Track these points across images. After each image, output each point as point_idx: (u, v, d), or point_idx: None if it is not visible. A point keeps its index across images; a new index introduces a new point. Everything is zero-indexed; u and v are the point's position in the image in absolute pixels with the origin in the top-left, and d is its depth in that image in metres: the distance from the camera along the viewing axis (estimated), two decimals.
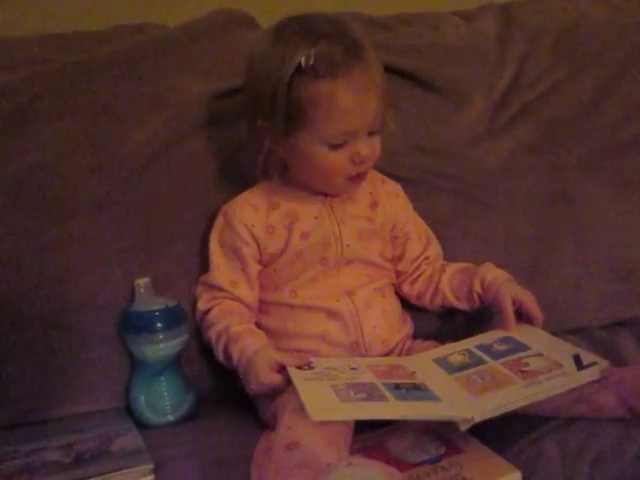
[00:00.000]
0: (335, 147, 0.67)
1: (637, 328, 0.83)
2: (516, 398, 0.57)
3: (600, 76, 0.92)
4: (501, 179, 0.86)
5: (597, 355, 0.63)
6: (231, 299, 0.71)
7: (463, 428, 0.54)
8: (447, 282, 0.76)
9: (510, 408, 0.56)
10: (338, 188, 0.72)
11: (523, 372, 0.60)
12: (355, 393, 0.56)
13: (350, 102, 0.65)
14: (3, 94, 0.74)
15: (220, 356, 0.69)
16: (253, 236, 0.71)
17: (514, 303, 0.69)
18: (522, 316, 0.70)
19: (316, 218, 0.72)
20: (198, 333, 0.74)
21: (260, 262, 0.72)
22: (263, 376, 0.63)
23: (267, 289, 0.73)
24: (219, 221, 0.73)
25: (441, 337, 0.75)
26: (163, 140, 0.78)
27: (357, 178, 0.70)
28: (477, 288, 0.73)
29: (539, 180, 0.87)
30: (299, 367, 0.62)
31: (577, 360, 0.61)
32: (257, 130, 0.70)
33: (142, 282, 0.72)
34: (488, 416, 0.55)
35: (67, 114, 0.76)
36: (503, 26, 0.94)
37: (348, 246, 0.72)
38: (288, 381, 0.61)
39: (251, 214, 0.72)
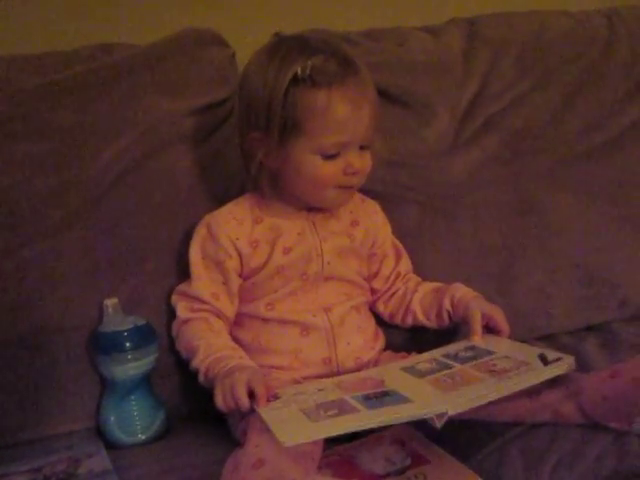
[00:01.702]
0: (328, 157, 0.68)
1: (603, 333, 0.85)
2: (488, 391, 0.57)
3: (563, 87, 0.94)
4: (468, 190, 0.88)
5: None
6: (211, 312, 0.71)
7: (439, 424, 0.53)
8: (418, 302, 0.77)
9: (483, 400, 0.56)
10: (328, 200, 0.72)
11: (492, 371, 0.61)
12: (325, 411, 0.56)
13: (344, 112, 0.67)
14: None
15: (195, 364, 0.67)
16: (237, 250, 0.71)
17: (483, 317, 0.71)
18: (489, 331, 0.71)
19: (299, 234, 0.73)
20: (169, 350, 0.74)
21: (241, 275, 0.72)
22: (239, 390, 0.60)
23: (243, 301, 0.73)
24: (201, 231, 0.73)
25: (411, 349, 0.75)
26: (133, 158, 0.78)
27: (347, 188, 0.71)
28: (447, 306, 0.74)
29: (505, 190, 0.89)
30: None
31: (542, 358, 0.62)
32: (250, 142, 0.70)
33: (110, 302, 0.72)
34: (461, 409, 0.54)
35: (36, 135, 0.76)
36: (468, 40, 0.95)
37: (329, 263, 0.73)
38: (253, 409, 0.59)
39: (235, 227, 0.72)
